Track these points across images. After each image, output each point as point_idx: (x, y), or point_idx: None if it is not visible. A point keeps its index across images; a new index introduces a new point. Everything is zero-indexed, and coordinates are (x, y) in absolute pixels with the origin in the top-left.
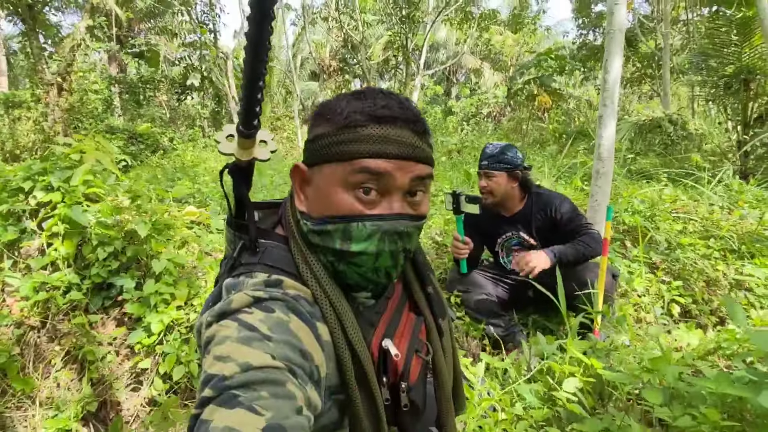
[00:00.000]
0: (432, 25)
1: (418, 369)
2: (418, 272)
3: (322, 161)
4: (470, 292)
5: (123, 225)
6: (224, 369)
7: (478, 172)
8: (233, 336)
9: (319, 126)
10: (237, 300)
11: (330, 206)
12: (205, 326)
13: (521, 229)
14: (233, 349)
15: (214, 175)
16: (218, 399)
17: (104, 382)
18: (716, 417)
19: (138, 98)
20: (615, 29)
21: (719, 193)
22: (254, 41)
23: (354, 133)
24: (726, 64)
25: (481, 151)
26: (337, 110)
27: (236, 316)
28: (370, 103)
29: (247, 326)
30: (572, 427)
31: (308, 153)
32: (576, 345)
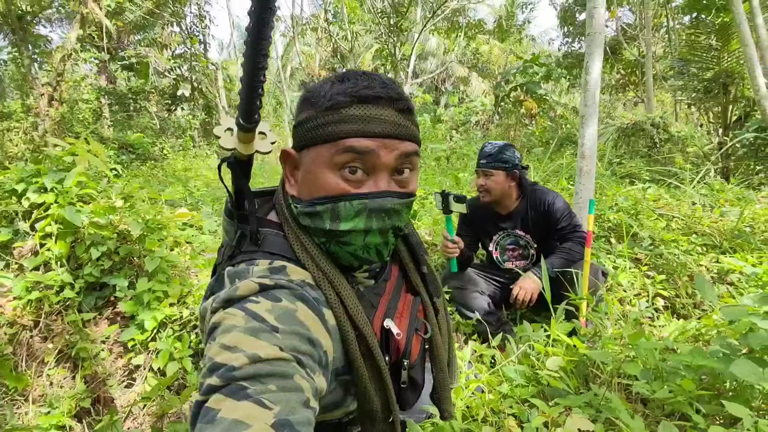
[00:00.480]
0: (419, 35)
1: (419, 348)
2: (412, 253)
3: (308, 144)
4: (465, 289)
5: (116, 225)
6: (232, 359)
7: (477, 170)
8: (241, 326)
9: (304, 110)
10: (243, 287)
11: (318, 187)
12: (210, 312)
13: (517, 226)
14: (241, 340)
15: (205, 180)
16: (226, 389)
17: (97, 379)
18: (691, 387)
19: (128, 109)
20: (595, 31)
21: (701, 192)
22: (255, 34)
23: (338, 115)
24: (706, 69)
25: (480, 150)
26: (321, 93)
27: (243, 305)
28: (353, 84)
29: (255, 316)
30: (555, 401)
31: (296, 137)
32: (560, 327)
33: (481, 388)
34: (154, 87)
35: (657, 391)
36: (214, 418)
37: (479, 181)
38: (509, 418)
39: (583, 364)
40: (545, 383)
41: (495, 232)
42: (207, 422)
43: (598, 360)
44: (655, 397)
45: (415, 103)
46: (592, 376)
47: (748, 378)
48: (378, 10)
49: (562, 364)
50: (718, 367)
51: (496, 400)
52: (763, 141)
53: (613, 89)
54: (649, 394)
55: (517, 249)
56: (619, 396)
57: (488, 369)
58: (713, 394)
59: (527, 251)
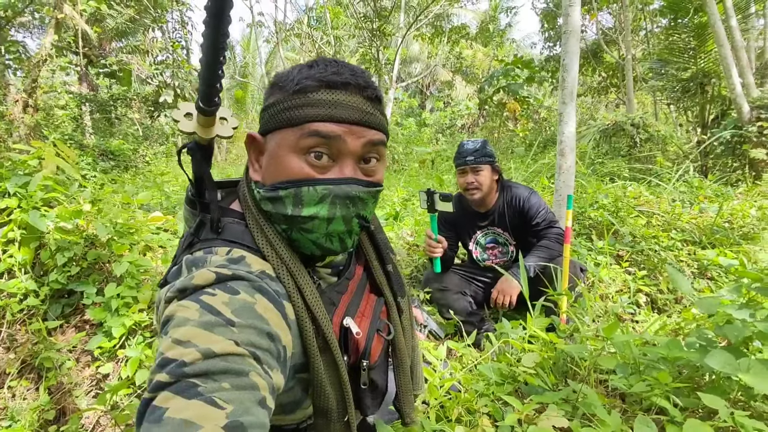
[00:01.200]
0: (403, 40)
1: (380, 349)
2: (378, 251)
3: (274, 128)
4: (448, 291)
5: (83, 230)
6: (184, 354)
7: (462, 168)
8: (195, 319)
9: (272, 95)
10: (199, 276)
11: (282, 172)
12: (164, 302)
13: (495, 224)
14: (195, 334)
15: (184, 184)
16: (175, 386)
17: (63, 390)
18: (667, 380)
19: (109, 117)
20: (571, 29)
21: (680, 190)
22: (215, 13)
23: (305, 98)
24: (684, 69)
25: (460, 148)
26: (289, 78)
27: (198, 297)
28: (322, 69)
29: (210, 309)
30: (531, 398)
31: (262, 121)
32: (536, 323)
33: (456, 387)
34: (136, 94)
35: (634, 385)
36: (161, 418)
37: (468, 178)
38: (483, 417)
39: (561, 360)
40: (522, 381)
41: (475, 230)
42: (153, 422)
43: (575, 355)
44: (632, 391)
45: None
46: (571, 373)
47: (724, 369)
48: (361, 14)
49: (539, 361)
50: (695, 358)
51: (471, 399)
52: (739, 139)
53: (595, 92)
54: (627, 388)
55: (497, 247)
56: (597, 391)
57: (463, 367)
58: (691, 388)
59: (506, 248)
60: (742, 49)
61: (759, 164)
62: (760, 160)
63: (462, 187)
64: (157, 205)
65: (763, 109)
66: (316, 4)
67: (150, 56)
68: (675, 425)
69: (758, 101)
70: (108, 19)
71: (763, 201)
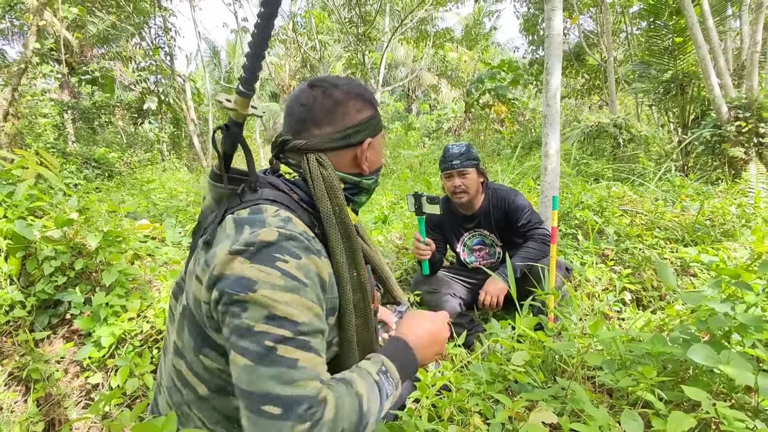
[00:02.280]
0: (388, 44)
1: (377, 295)
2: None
3: (378, 132)
4: (437, 292)
5: (71, 238)
6: (293, 315)
7: (448, 172)
8: (282, 284)
9: (370, 107)
10: (265, 234)
11: (380, 160)
12: (229, 253)
13: (482, 225)
14: (290, 298)
15: (170, 192)
16: (295, 341)
17: (52, 402)
18: (651, 374)
19: (92, 124)
20: (554, 33)
21: (663, 189)
22: (267, 17)
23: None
24: (664, 71)
25: (445, 152)
26: (370, 97)
27: (274, 263)
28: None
29: (289, 275)
30: (521, 396)
31: (371, 128)
32: (524, 322)
33: (447, 386)
34: (119, 101)
35: (620, 380)
36: (296, 364)
37: (455, 182)
38: (475, 416)
39: (549, 358)
40: (512, 379)
41: (462, 232)
42: (290, 366)
43: (562, 352)
44: (618, 386)
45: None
46: (559, 370)
47: (706, 362)
48: (346, 19)
49: (528, 359)
50: (678, 352)
51: (462, 398)
52: (718, 138)
53: (579, 93)
54: (613, 384)
55: (484, 248)
56: (585, 387)
57: (454, 366)
58: (675, 381)
59: (493, 249)
60: (720, 50)
61: (738, 163)
62: (738, 158)
63: (449, 190)
64: (144, 212)
65: (741, 108)
66: (301, 10)
67: (133, 62)
68: (660, 418)
69: (736, 101)
70: (89, 25)
71: (742, 199)
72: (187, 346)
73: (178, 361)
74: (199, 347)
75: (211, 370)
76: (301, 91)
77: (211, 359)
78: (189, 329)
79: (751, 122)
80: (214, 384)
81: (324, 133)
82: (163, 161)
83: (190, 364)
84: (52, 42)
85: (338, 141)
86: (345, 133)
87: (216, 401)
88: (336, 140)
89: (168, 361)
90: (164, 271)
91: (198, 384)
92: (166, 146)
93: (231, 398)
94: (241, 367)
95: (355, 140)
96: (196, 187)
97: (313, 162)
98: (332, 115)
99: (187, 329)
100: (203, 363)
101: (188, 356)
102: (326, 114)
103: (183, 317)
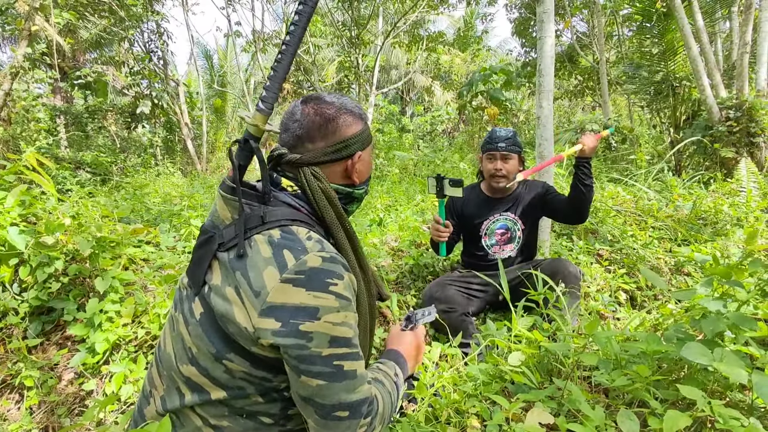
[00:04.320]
0: (381, 47)
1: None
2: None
3: (368, 145)
4: (454, 312)
5: (64, 244)
6: (349, 332)
7: (492, 153)
8: (337, 306)
9: (359, 121)
10: (311, 260)
11: (370, 171)
12: (282, 281)
13: (510, 209)
14: (344, 318)
15: (164, 197)
16: (352, 354)
17: (45, 409)
18: (646, 372)
19: (84, 129)
20: (545, 35)
21: (656, 189)
22: (296, 44)
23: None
24: (655, 72)
25: (491, 134)
26: (360, 112)
27: (328, 288)
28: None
29: (342, 297)
30: (518, 397)
31: (361, 141)
32: (520, 322)
33: (444, 386)
34: (112, 105)
35: (616, 379)
36: (356, 374)
37: (496, 164)
38: (472, 418)
39: (546, 358)
40: (509, 380)
41: (486, 216)
42: (352, 378)
43: (558, 353)
44: (614, 385)
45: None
46: (556, 371)
47: (699, 360)
48: (339, 23)
49: (524, 359)
50: (672, 351)
51: (460, 399)
52: (710, 138)
53: (572, 95)
54: (609, 383)
55: (506, 233)
56: (581, 387)
57: (451, 366)
58: (670, 381)
59: (515, 234)
60: (710, 51)
61: (729, 162)
62: (730, 158)
63: (488, 172)
64: (138, 217)
65: (732, 109)
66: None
67: (126, 67)
68: (656, 417)
69: (727, 101)
70: (81, 30)
71: (734, 198)
72: (204, 353)
73: (188, 368)
74: (223, 353)
75: (234, 372)
76: (294, 107)
77: (237, 363)
78: (210, 337)
79: (742, 122)
80: (235, 385)
81: (317, 147)
82: (157, 165)
83: (204, 370)
84: (44, 47)
85: (331, 155)
86: (336, 147)
87: (233, 402)
88: (328, 154)
89: (166, 369)
90: (159, 276)
91: (213, 388)
92: (159, 150)
93: (250, 398)
94: (314, 387)
95: (346, 153)
96: (190, 191)
97: (309, 175)
98: (324, 130)
99: (207, 337)
100: (225, 366)
101: (203, 362)
102: (318, 129)
103: (200, 325)
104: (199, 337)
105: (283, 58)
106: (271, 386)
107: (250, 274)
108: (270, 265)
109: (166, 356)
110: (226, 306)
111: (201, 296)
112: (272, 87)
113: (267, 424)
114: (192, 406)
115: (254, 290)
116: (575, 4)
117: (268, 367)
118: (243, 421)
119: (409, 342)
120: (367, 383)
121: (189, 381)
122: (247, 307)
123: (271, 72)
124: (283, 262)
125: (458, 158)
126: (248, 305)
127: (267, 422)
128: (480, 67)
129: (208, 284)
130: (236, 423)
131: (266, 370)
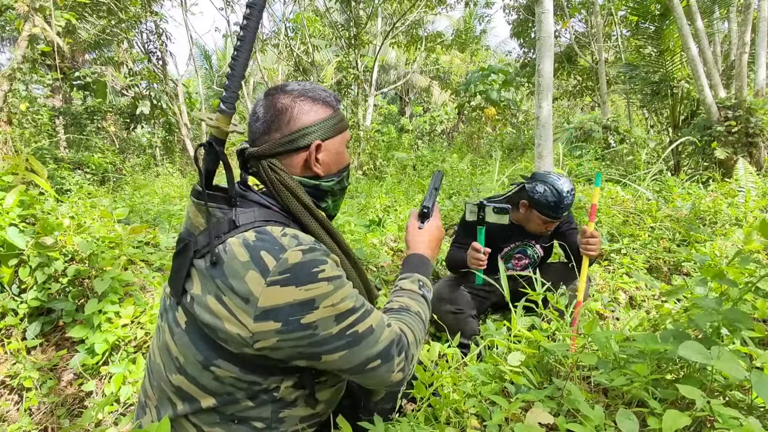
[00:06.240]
0: (380, 48)
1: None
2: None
3: (334, 134)
4: (461, 313)
5: (63, 245)
6: (351, 303)
7: (550, 217)
8: (331, 289)
9: (323, 108)
10: (292, 257)
11: (342, 162)
12: (268, 285)
13: (533, 239)
14: (342, 294)
15: (162, 197)
16: (362, 317)
17: (45, 410)
18: (645, 371)
19: (83, 129)
20: (544, 35)
21: (654, 189)
22: (250, 40)
23: (341, 113)
24: (653, 72)
25: (560, 201)
26: (328, 99)
27: (317, 276)
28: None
29: (332, 278)
30: (517, 397)
31: (323, 130)
32: (520, 322)
33: (443, 386)
34: (111, 106)
35: (615, 379)
36: (372, 329)
37: (548, 226)
38: (471, 417)
39: (545, 358)
40: (508, 380)
41: (510, 241)
42: (370, 334)
43: (558, 353)
44: (613, 385)
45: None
46: (555, 371)
47: (696, 358)
48: (338, 23)
49: (523, 359)
50: (669, 349)
51: (459, 399)
52: (708, 138)
53: (571, 95)
54: (608, 383)
55: (524, 258)
56: (581, 387)
57: (450, 365)
58: (669, 380)
59: (533, 259)
60: (709, 51)
61: (728, 162)
62: (729, 158)
63: (540, 228)
64: (137, 218)
65: (731, 109)
66: (292, 14)
67: (125, 67)
68: (655, 417)
69: (725, 101)
70: (80, 30)
71: (732, 198)
72: (191, 362)
73: (177, 377)
74: (210, 360)
75: (222, 378)
76: (258, 101)
77: (225, 369)
78: (197, 345)
79: (740, 122)
80: (224, 392)
81: (272, 138)
82: (156, 166)
83: (193, 378)
84: (43, 46)
85: (285, 145)
86: (290, 138)
87: (224, 409)
88: (283, 144)
89: (157, 379)
90: (158, 276)
91: (202, 396)
92: (158, 151)
93: (240, 404)
94: (338, 360)
95: (302, 143)
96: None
97: (266, 168)
98: (279, 121)
99: (194, 346)
100: (214, 374)
101: (191, 371)
102: (273, 121)
103: (186, 335)
104: (186, 346)
105: (239, 54)
106: (260, 389)
107: (232, 282)
108: (250, 269)
109: (156, 367)
110: (212, 317)
111: (183, 306)
112: (232, 86)
113: (259, 429)
114: (185, 415)
115: (241, 297)
116: (573, 4)
117: (258, 369)
118: (235, 426)
119: (428, 240)
120: (387, 327)
121: (179, 390)
122: (238, 314)
123: (229, 71)
124: (263, 264)
125: (457, 158)
126: (238, 313)
127: (259, 426)
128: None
129: (189, 293)
130: (229, 429)
131: (256, 373)
